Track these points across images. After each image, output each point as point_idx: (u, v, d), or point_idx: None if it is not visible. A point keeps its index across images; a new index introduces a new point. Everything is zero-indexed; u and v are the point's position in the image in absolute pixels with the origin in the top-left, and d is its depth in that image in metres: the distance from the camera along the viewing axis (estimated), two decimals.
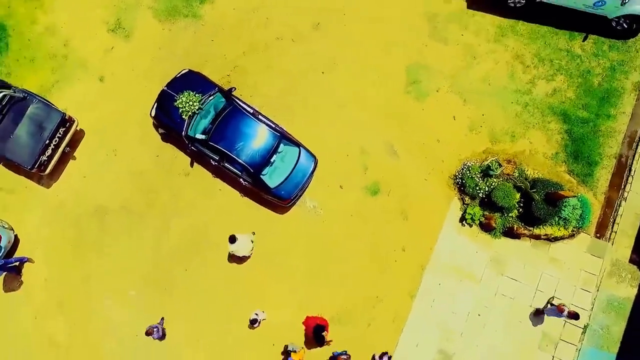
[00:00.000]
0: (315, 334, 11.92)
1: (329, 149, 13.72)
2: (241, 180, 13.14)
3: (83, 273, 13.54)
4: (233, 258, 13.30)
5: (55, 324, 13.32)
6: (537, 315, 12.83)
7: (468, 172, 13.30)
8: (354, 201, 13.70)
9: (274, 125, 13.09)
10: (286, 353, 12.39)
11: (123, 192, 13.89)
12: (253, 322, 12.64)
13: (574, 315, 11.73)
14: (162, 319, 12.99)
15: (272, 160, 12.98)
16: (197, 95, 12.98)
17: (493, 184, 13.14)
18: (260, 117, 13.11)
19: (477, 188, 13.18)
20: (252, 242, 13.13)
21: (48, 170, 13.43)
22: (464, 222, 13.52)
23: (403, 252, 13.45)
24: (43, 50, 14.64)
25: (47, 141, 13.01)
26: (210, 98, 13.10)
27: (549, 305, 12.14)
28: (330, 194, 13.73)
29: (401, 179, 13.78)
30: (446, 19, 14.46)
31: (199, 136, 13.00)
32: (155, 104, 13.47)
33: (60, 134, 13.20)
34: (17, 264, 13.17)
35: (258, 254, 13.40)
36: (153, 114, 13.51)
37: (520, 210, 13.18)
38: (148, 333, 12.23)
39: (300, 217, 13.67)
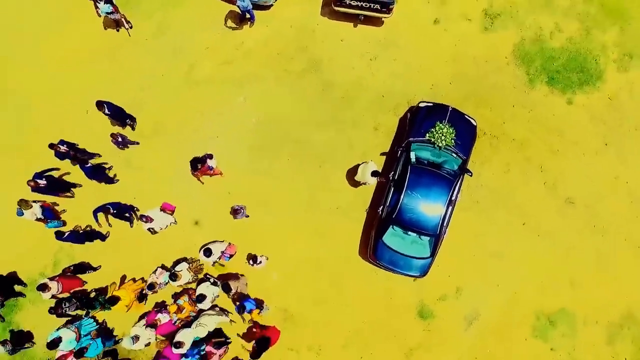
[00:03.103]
0: (261, 344, 11.84)
1: (439, 267, 13.23)
2: (382, 205, 13.04)
3: (240, 75, 14.54)
4: (354, 180, 13.46)
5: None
6: None
7: None
8: (402, 298, 13.57)
9: (445, 222, 12.70)
10: (261, 307, 12.64)
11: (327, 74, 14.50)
12: (254, 260, 12.87)
13: None
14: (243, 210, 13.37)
15: (409, 232, 12.76)
16: (453, 140, 12.80)
17: None
18: (449, 207, 12.70)
19: None
20: (373, 179, 12.55)
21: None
22: None
23: None
24: None
25: None
26: (453, 154, 12.89)
27: None
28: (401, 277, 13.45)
29: (444, 342, 13.44)
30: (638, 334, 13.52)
31: (412, 154, 12.88)
32: (432, 103, 13.41)
33: (377, 6, 13.61)
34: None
35: (315, 233, 13.66)
36: (421, 105, 13.44)
37: None
38: (235, 212, 12.99)
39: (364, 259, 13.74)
